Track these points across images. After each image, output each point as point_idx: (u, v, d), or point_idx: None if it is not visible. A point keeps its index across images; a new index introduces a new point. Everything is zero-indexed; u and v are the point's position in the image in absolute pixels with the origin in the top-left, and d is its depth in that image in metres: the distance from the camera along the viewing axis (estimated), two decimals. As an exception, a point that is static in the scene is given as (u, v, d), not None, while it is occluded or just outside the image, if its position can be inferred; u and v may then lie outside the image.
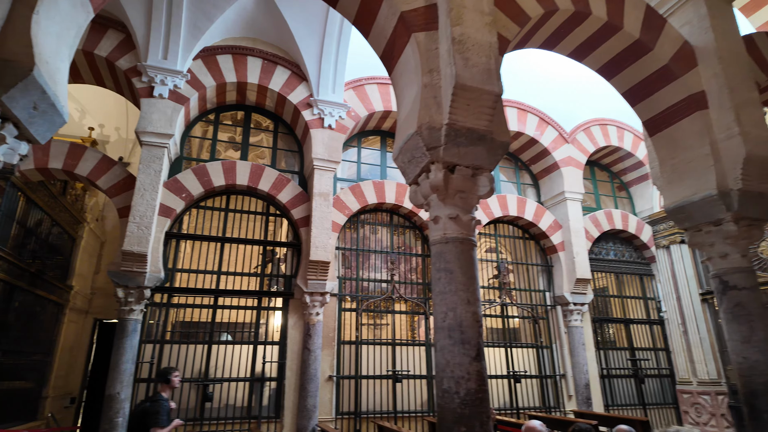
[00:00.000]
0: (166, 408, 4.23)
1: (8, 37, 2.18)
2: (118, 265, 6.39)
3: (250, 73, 7.76)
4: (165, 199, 6.91)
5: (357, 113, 8.31)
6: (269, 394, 7.12)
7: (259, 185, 7.62)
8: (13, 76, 2.16)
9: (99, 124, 10.52)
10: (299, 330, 7.35)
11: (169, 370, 4.57)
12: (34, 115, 2.38)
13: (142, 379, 6.51)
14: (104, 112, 10.37)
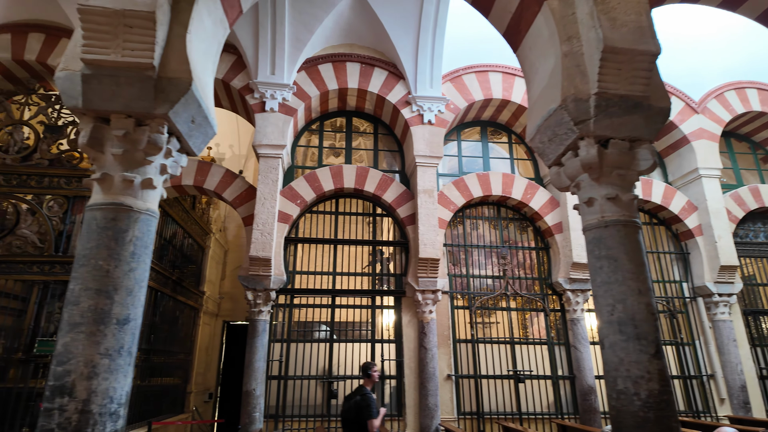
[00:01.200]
0: (374, 400, 4.52)
1: (169, 57, 2.36)
2: (247, 270, 6.85)
3: (350, 78, 7.92)
4: (282, 206, 7.30)
5: (456, 105, 8.09)
6: (390, 392, 7.17)
7: (365, 187, 7.74)
8: (176, 93, 2.34)
9: (215, 143, 11.51)
10: (414, 328, 7.31)
11: (369, 366, 4.85)
12: (192, 128, 2.56)
13: (273, 376, 6.91)
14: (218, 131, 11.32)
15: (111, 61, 2.23)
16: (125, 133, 2.30)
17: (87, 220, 2.23)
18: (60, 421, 1.88)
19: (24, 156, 6.94)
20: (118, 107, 2.28)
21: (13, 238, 6.55)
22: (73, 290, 2.08)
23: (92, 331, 2.02)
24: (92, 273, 2.10)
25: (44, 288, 9.74)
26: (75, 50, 2.33)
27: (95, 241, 2.16)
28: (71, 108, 2.30)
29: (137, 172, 2.33)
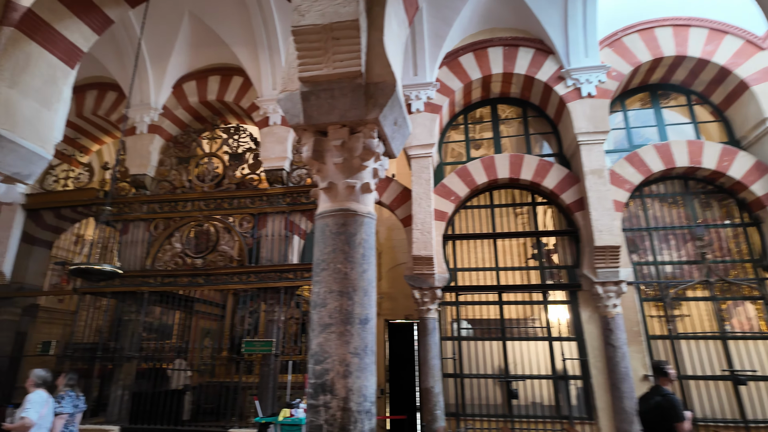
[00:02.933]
0: (678, 401, 4.11)
1: (372, 63, 2.41)
2: (411, 269, 6.97)
3: (493, 64, 7.59)
4: (437, 204, 7.28)
5: (618, 71, 7.19)
6: (577, 393, 6.62)
7: (521, 175, 7.32)
8: (383, 96, 2.37)
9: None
10: (596, 324, 6.64)
11: (662, 363, 4.40)
12: (394, 131, 2.58)
13: (448, 374, 6.90)
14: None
15: (325, 75, 2.34)
16: (342, 142, 2.39)
17: (320, 227, 2.36)
18: (327, 418, 1.99)
19: (216, 183, 8.07)
20: (335, 118, 2.39)
21: (216, 254, 7.64)
22: (318, 293, 2.21)
23: (341, 331, 2.11)
24: (333, 276, 2.21)
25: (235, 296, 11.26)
26: (290, 72, 2.50)
27: (331, 246, 2.27)
28: (294, 125, 2.47)
29: (356, 177, 2.41)
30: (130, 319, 7.53)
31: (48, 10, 3.10)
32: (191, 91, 8.56)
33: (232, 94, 8.52)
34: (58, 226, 8.85)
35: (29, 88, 3.11)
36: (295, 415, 5.78)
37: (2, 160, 2.90)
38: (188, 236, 7.95)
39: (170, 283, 7.51)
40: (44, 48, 3.18)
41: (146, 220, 7.90)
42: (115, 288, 7.51)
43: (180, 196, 7.88)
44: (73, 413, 4.89)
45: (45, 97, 3.22)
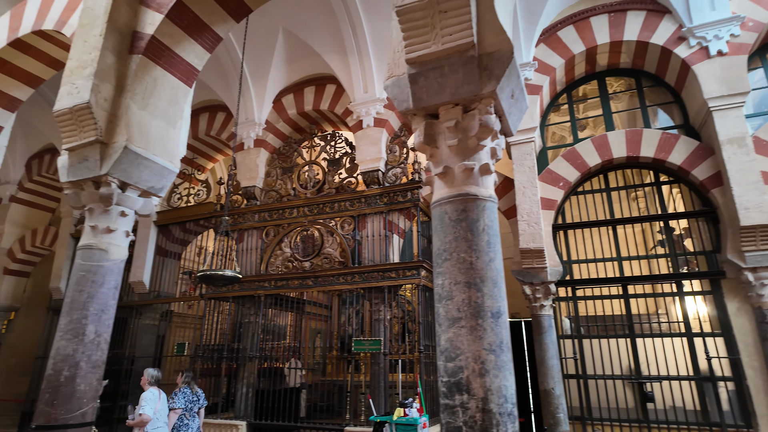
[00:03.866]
0: None
1: (484, 32, 2.21)
2: (519, 264, 6.55)
3: (598, 33, 6.90)
4: (544, 192, 6.78)
5: (756, 21, 6.11)
6: (728, 397, 5.70)
7: (640, 152, 6.54)
8: (500, 66, 2.16)
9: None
10: (747, 317, 5.67)
11: None
12: (511, 104, 2.36)
13: (569, 375, 6.36)
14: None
15: (433, 52, 2.19)
16: (455, 122, 2.22)
17: (438, 215, 2.22)
18: (465, 419, 1.82)
19: (318, 189, 8.36)
20: (446, 98, 2.23)
21: (321, 257, 7.90)
22: (443, 285, 2.06)
23: (472, 326, 1.94)
24: (457, 266, 2.05)
25: (339, 296, 11.59)
26: (395, 57, 2.40)
27: (452, 234, 2.11)
28: (403, 111, 2.36)
29: (473, 159, 2.23)
30: (249, 321, 8.08)
31: (167, 35, 3.37)
32: (289, 103, 8.99)
33: (327, 103, 8.79)
34: (184, 239, 9.83)
35: (157, 109, 3.41)
36: (409, 414, 5.70)
37: (139, 176, 3.20)
38: (296, 241, 8.33)
39: (283, 286, 7.91)
40: (167, 70, 3.48)
41: (258, 228, 8.43)
42: (235, 293, 8.10)
43: (286, 204, 8.30)
44: (188, 408, 5.28)
45: (170, 116, 3.51)
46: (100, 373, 2.90)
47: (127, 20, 3.35)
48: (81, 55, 3.21)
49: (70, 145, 3.09)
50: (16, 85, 4.48)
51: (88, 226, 3.11)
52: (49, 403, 2.69)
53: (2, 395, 10.25)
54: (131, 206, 3.21)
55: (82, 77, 3.10)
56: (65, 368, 2.76)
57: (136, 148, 3.11)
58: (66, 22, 3.85)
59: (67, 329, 2.85)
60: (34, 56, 4.34)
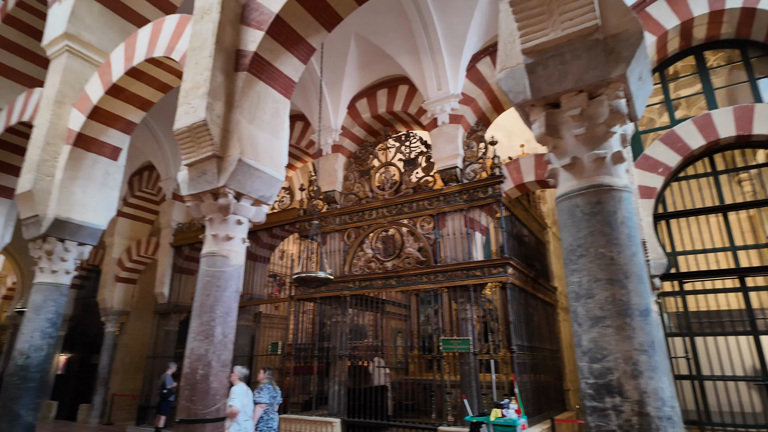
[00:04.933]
0: None
1: (608, 12, 2.09)
2: (617, 258, 6.15)
3: (694, 4, 6.31)
4: (641, 179, 6.31)
5: None
6: None
7: (752, 131, 5.89)
8: (628, 48, 2.03)
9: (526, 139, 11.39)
10: None
11: None
12: (639, 87, 2.20)
13: (681, 376, 5.87)
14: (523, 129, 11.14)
15: (552, 40, 2.10)
16: (581, 110, 2.12)
17: (567, 209, 2.12)
18: (620, 423, 1.72)
19: (395, 189, 8.43)
20: (569, 85, 2.13)
21: (402, 257, 7.95)
22: (580, 282, 1.97)
23: (619, 325, 1.83)
24: (596, 262, 1.94)
25: (417, 296, 11.59)
26: (507, 48, 2.33)
27: (586, 228, 2.01)
28: (520, 103, 2.29)
29: (603, 147, 2.11)
30: (336, 321, 8.31)
31: (268, 50, 3.55)
32: (363, 108, 9.15)
33: (400, 104, 8.84)
34: (271, 243, 10.34)
35: (262, 122, 3.60)
36: (507, 415, 5.56)
37: (252, 186, 3.40)
38: (376, 242, 8.45)
39: (366, 286, 8.06)
40: (269, 85, 3.66)
41: (340, 231, 8.66)
42: (321, 294, 8.38)
43: (365, 206, 8.45)
44: (271, 403, 5.61)
45: (274, 128, 3.70)
46: (228, 371, 3.11)
47: (231, 40, 3.57)
48: (194, 76, 3.46)
49: (189, 160, 3.35)
50: (131, 109, 4.95)
51: (210, 235, 3.35)
52: (188, 399, 2.93)
53: (121, 391, 11.38)
54: (245, 214, 3.42)
55: (197, 97, 3.35)
56: (200, 367, 2.99)
57: (248, 160, 3.30)
58: (174, 48, 4.19)
59: (199, 331, 3.08)
60: (146, 82, 4.77)
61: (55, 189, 4.66)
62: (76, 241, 4.77)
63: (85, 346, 12.82)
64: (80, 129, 4.76)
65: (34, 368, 4.38)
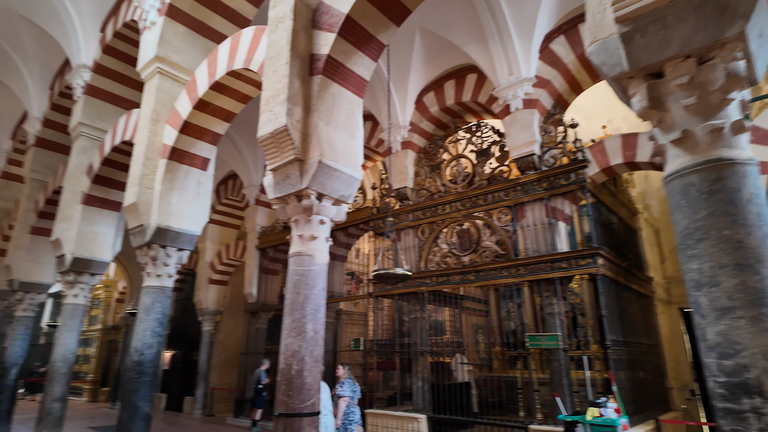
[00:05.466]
0: None
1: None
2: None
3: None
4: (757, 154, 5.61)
5: None
6: None
7: None
8: (747, 2, 1.78)
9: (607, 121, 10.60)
10: None
11: None
12: (759, 45, 1.92)
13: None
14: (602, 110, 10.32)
15: (651, 3, 1.90)
16: (690, 77, 1.89)
17: (679, 189, 1.91)
18: (762, 426, 1.51)
19: (468, 182, 8.24)
20: (673, 51, 1.91)
21: (479, 251, 7.76)
22: (701, 269, 1.76)
23: (754, 316, 1.61)
24: (719, 246, 1.73)
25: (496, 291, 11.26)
26: (596, 20, 2.15)
27: (705, 209, 1.79)
28: (615, 76, 2.10)
29: (720, 117, 1.87)
30: (416, 317, 8.32)
31: (340, 52, 3.61)
32: (431, 101, 9.05)
33: (468, 94, 8.63)
34: (347, 242, 10.59)
35: (338, 123, 3.67)
36: (605, 415, 5.22)
37: (332, 187, 3.48)
38: (451, 237, 8.32)
39: (444, 282, 7.98)
40: (342, 86, 3.73)
41: (413, 227, 8.65)
42: (399, 290, 8.43)
43: (438, 201, 8.36)
44: (352, 397, 5.91)
45: (349, 128, 3.76)
46: (321, 367, 3.21)
47: (305, 46, 3.67)
48: (273, 84, 3.61)
49: (274, 165, 3.50)
50: (217, 122, 5.29)
51: (296, 235, 3.48)
52: (285, 394, 3.06)
53: (219, 385, 12.28)
54: (327, 214, 3.51)
55: (277, 104, 3.48)
56: (294, 362, 3.11)
57: (328, 162, 3.38)
58: (252, 59, 4.40)
59: (292, 327, 3.21)
60: (228, 95, 5.06)
61: (155, 200, 5.10)
62: (176, 247, 5.20)
63: (186, 344, 14.00)
64: (173, 143, 5.17)
65: (147, 364, 4.83)
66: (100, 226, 6.84)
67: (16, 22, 7.90)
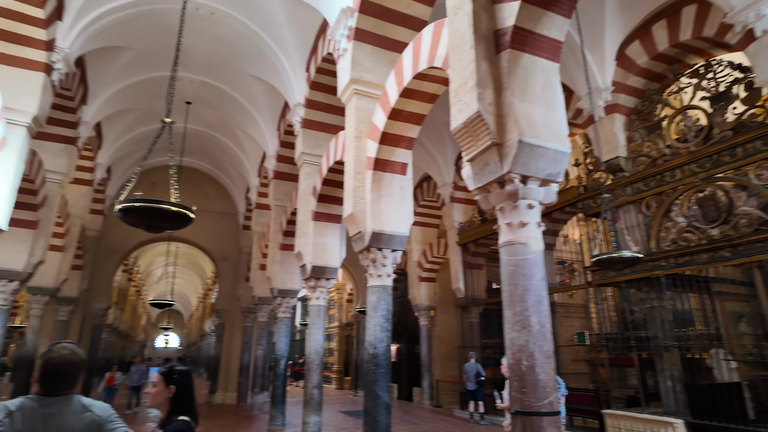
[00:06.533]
0: None
1: None
2: None
3: None
4: None
5: None
6: None
7: None
8: None
9: None
10: None
11: None
12: None
13: None
14: None
15: None
16: None
17: None
18: None
19: (704, 137, 6.68)
20: None
21: (732, 222, 6.17)
22: None
23: None
24: None
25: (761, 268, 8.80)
26: None
27: None
28: None
29: None
30: (652, 306, 7.11)
31: (527, 19, 3.30)
32: (636, 52, 7.69)
33: (688, 31, 7.04)
34: (553, 229, 9.83)
35: (534, 97, 3.36)
36: None
37: (537, 166, 3.19)
38: (689, 207, 6.86)
39: (686, 263, 6.62)
40: (534, 55, 3.41)
41: (634, 202, 7.44)
42: (625, 276, 7.34)
43: (664, 167, 7.00)
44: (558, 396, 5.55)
45: (547, 99, 3.40)
46: (552, 363, 2.95)
47: (487, 25, 3.48)
48: (459, 73, 3.52)
49: (470, 155, 3.40)
50: (409, 127, 5.52)
51: (503, 224, 3.29)
52: (519, 391, 2.90)
53: (442, 377, 12.86)
54: (535, 197, 3.23)
55: (466, 92, 3.38)
56: (522, 358, 2.93)
57: (528, 140, 3.11)
58: (435, 56, 4.42)
59: (514, 321, 3.03)
60: (417, 98, 5.22)
61: (368, 208, 5.58)
62: (390, 248, 5.59)
63: (408, 338, 15.12)
64: (375, 155, 5.59)
65: (381, 357, 5.29)
66: (328, 238, 7.90)
67: (249, 82, 9.84)
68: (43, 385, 1.65)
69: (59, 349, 1.70)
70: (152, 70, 9.63)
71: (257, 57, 8.89)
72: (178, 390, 1.97)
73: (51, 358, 1.67)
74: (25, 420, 1.56)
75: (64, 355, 1.68)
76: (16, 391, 9.63)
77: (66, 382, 1.68)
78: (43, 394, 1.64)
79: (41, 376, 1.65)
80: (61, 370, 1.67)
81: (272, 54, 8.50)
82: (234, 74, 9.78)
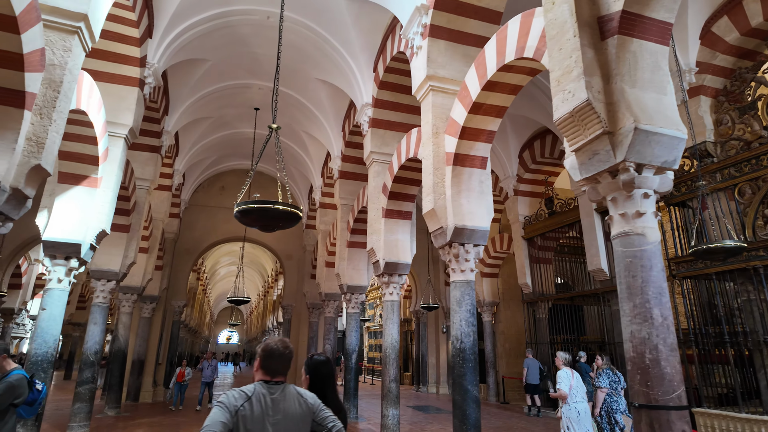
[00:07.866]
0: None
1: None
2: None
3: None
4: None
5: None
6: None
7: None
8: None
9: None
10: None
11: None
12: None
13: None
14: None
15: None
16: None
17: None
18: None
19: (809, 116, 6.18)
20: None
21: None
22: None
23: None
24: None
25: None
26: None
27: None
28: None
29: None
30: (747, 299, 6.67)
31: (635, 2, 3.20)
32: (724, 29, 7.22)
33: (785, 1, 6.52)
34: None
35: (644, 81, 3.25)
36: None
37: (652, 154, 3.09)
38: (791, 193, 6.37)
39: (790, 253, 6.15)
40: (642, 39, 3.30)
41: (725, 189, 7.00)
42: (716, 268, 6.92)
43: (760, 150, 6.54)
44: (614, 388, 5.85)
45: (657, 84, 3.29)
46: (677, 356, 2.85)
47: (589, 12, 3.40)
48: (560, 62, 3.47)
49: (576, 146, 3.34)
50: (490, 120, 5.48)
51: (617, 214, 3.22)
52: (643, 384, 2.83)
53: (508, 374, 12.67)
54: (650, 186, 3.13)
55: (570, 81, 3.32)
56: (645, 351, 2.86)
57: (644, 126, 3.02)
58: (524, 47, 4.36)
59: (634, 314, 2.96)
60: (499, 90, 5.18)
61: (448, 204, 5.60)
62: (472, 243, 5.59)
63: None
64: (455, 150, 5.60)
65: (468, 351, 5.31)
66: (399, 234, 8.00)
67: (315, 86, 10.12)
68: (267, 371, 1.84)
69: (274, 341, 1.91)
70: (225, 79, 10.13)
71: (324, 61, 9.12)
72: (312, 378, 2.13)
73: (272, 348, 1.87)
74: (259, 404, 1.74)
75: (279, 346, 1.88)
76: (112, 382, 10.46)
77: (284, 369, 1.87)
78: (267, 380, 1.83)
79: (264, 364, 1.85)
80: (281, 357, 1.86)
81: (339, 57, 8.69)
82: (301, 79, 10.09)
